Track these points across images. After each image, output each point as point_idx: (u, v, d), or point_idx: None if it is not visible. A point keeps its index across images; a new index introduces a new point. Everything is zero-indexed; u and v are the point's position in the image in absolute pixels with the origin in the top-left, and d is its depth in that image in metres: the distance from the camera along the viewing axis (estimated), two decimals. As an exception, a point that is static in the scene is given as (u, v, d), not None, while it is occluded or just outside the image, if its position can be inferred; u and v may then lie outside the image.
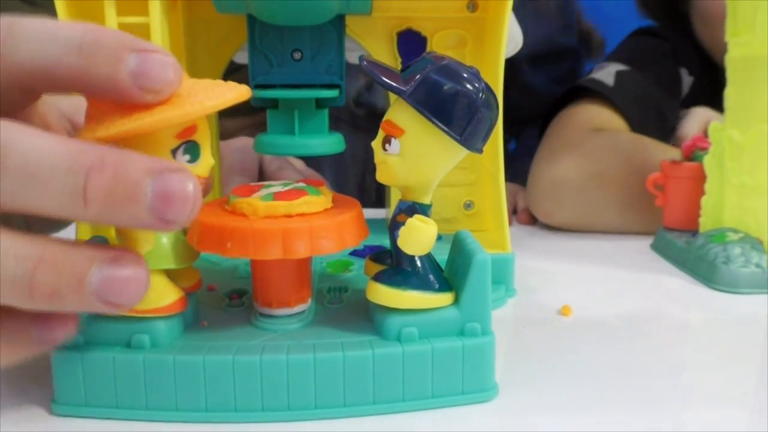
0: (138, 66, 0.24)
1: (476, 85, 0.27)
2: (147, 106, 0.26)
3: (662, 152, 0.63)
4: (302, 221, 0.28)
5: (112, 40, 0.24)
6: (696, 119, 0.69)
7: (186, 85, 0.27)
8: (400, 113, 0.28)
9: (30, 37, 0.24)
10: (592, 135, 0.67)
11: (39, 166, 0.23)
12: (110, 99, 0.26)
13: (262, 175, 0.69)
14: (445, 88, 0.27)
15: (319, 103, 0.44)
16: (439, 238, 0.30)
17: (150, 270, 0.24)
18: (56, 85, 0.25)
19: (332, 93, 0.43)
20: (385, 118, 0.28)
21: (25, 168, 0.23)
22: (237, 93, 0.27)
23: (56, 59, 0.24)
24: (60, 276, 0.23)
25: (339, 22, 0.43)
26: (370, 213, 0.55)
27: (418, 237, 0.28)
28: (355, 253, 0.43)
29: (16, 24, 0.24)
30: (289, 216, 0.29)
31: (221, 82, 0.28)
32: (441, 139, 0.27)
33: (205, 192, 0.33)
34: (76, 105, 0.32)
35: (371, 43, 0.46)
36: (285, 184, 0.31)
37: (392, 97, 0.28)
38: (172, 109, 0.25)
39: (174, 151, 0.28)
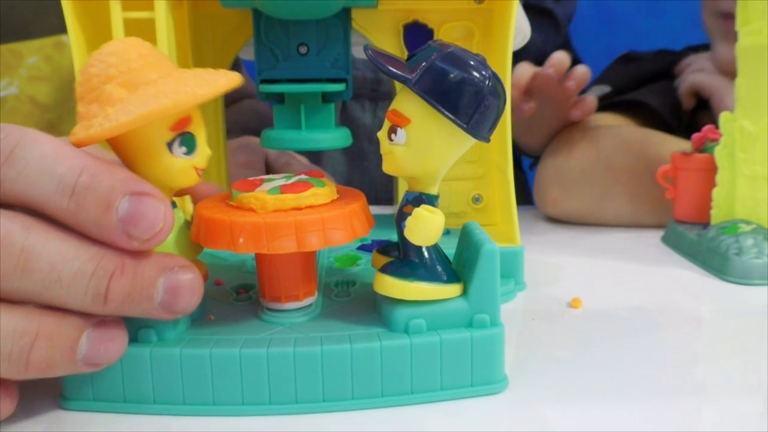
0: (127, 213, 0.24)
1: (483, 72, 0.26)
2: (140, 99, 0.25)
3: (664, 141, 0.64)
4: (313, 213, 0.28)
5: (107, 183, 0.24)
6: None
7: (176, 74, 0.27)
8: (405, 102, 0.27)
9: (28, 168, 0.24)
10: (594, 128, 0.69)
11: (64, 271, 0.24)
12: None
13: (267, 170, 0.69)
14: (451, 75, 0.26)
15: (326, 98, 0.44)
16: (447, 232, 0.30)
17: None
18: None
19: (338, 87, 0.42)
20: (390, 107, 0.28)
21: (50, 274, 0.24)
22: (228, 80, 0.27)
23: (48, 198, 0.24)
24: (54, 348, 0.24)
25: (345, 15, 0.43)
26: (378, 209, 0.55)
27: (424, 227, 0.28)
28: (362, 247, 0.43)
29: (18, 149, 0.24)
30: (299, 209, 0.28)
31: (211, 69, 0.28)
32: (447, 127, 0.27)
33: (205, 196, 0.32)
34: None
35: (377, 36, 0.45)
36: (287, 177, 0.31)
37: (398, 86, 0.28)
38: (164, 99, 0.25)
39: (170, 144, 0.27)
